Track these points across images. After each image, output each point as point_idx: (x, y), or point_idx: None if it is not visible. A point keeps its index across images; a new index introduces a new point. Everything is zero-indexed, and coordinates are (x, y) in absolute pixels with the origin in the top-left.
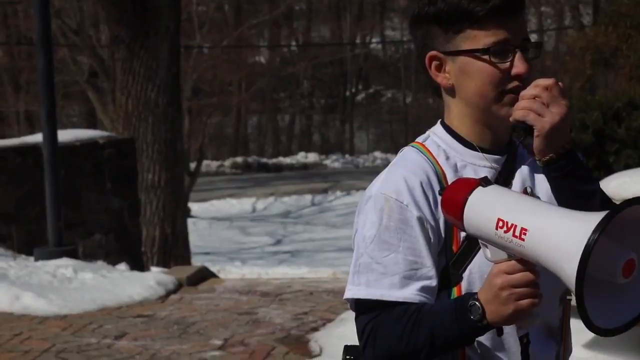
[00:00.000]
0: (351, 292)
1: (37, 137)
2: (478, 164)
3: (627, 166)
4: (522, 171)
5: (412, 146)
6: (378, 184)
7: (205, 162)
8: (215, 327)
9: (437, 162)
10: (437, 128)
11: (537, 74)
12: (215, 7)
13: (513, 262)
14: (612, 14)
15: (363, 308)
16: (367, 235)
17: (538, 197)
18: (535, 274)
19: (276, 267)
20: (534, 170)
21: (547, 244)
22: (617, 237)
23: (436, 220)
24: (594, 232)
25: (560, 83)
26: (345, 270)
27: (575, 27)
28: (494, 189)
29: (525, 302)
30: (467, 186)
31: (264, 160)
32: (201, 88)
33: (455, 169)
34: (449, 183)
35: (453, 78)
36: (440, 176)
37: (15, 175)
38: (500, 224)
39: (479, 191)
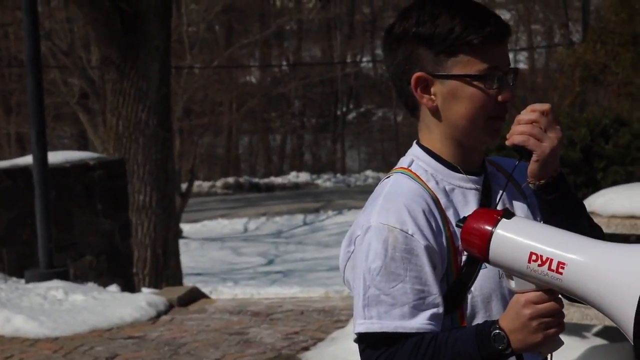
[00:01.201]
0: (364, 327)
1: (28, 159)
2: (465, 187)
3: (615, 183)
4: (499, 189)
5: (401, 173)
6: (376, 214)
7: (196, 183)
8: (206, 348)
9: (428, 187)
10: (418, 151)
11: (527, 92)
12: (206, 28)
13: (540, 292)
14: (601, 31)
15: (372, 341)
16: (373, 267)
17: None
18: (560, 303)
19: (268, 287)
20: (508, 188)
21: (591, 277)
22: None
23: (440, 247)
24: None
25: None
26: (337, 290)
27: (564, 45)
28: (518, 221)
29: (552, 330)
30: (490, 219)
31: (256, 180)
32: (192, 108)
33: (446, 193)
34: (444, 208)
35: (439, 100)
36: (435, 201)
37: (6, 197)
38: (534, 257)
39: (504, 224)
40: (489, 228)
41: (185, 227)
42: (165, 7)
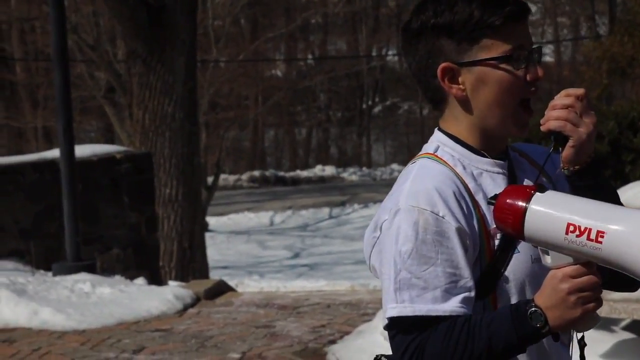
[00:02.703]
0: (396, 310)
1: (55, 153)
2: (492, 171)
3: None
4: (523, 175)
5: (427, 158)
6: (405, 197)
7: (222, 176)
8: (233, 341)
9: (456, 172)
10: (442, 137)
11: (554, 85)
12: (232, 21)
13: (578, 266)
14: (628, 23)
15: (403, 325)
16: (404, 250)
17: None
18: (598, 276)
19: (294, 280)
20: (532, 173)
21: (633, 245)
22: None
23: (472, 230)
24: None
25: None
26: (363, 283)
27: (591, 38)
28: (553, 194)
29: (591, 305)
30: (523, 194)
31: (282, 173)
32: (218, 102)
33: (473, 177)
34: (472, 192)
35: (468, 89)
36: (465, 186)
37: (33, 190)
38: (572, 228)
39: (538, 198)
40: (523, 204)
41: (212, 221)
42: (191, 0)
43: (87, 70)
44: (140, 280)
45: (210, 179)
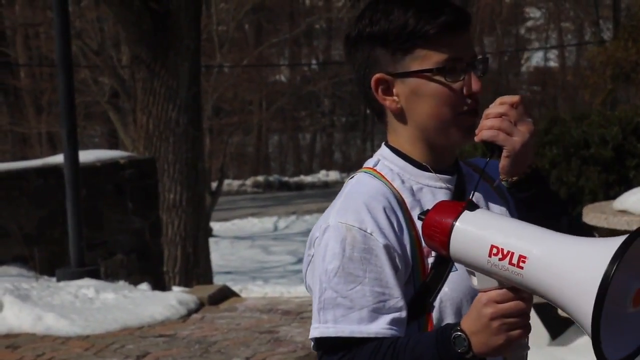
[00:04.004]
0: (318, 331)
1: (59, 158)
2: (434, 186)
3: None
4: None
5: (364, 172)
6: (335, 214)
7: (226, 181)
8: (236, 346)
9: (393, 186)
10: (385, 151)
11: (558, 90)
12: (236, 27)
13: (504, 290)
14: (632, 29)
15: (328, 346)
16: (330, 269)
17: (485, 210)
18: (526, 302)
19: (298, 285)
20: (484, 189)
21: (551, 272)
22: (627, 266)
23: (403, 247)
24: (612, 262)
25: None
26: None
27: (595, 43)
28: (482, 213)
29: (517, 332)
30: (452, 211)
31: (285, 178)
32: (222, 107)
33: (412, 193)
34: (409, 208)
35: (403, 101)
36: (400, 201)
37: (37, 196)
38: (495, 251)
39: (466, 216)
40: (450, 221)
41: (215, 226)
42: (196, 6)
43: (91, 76)
44: (144, 286)
45: (214, 184)
